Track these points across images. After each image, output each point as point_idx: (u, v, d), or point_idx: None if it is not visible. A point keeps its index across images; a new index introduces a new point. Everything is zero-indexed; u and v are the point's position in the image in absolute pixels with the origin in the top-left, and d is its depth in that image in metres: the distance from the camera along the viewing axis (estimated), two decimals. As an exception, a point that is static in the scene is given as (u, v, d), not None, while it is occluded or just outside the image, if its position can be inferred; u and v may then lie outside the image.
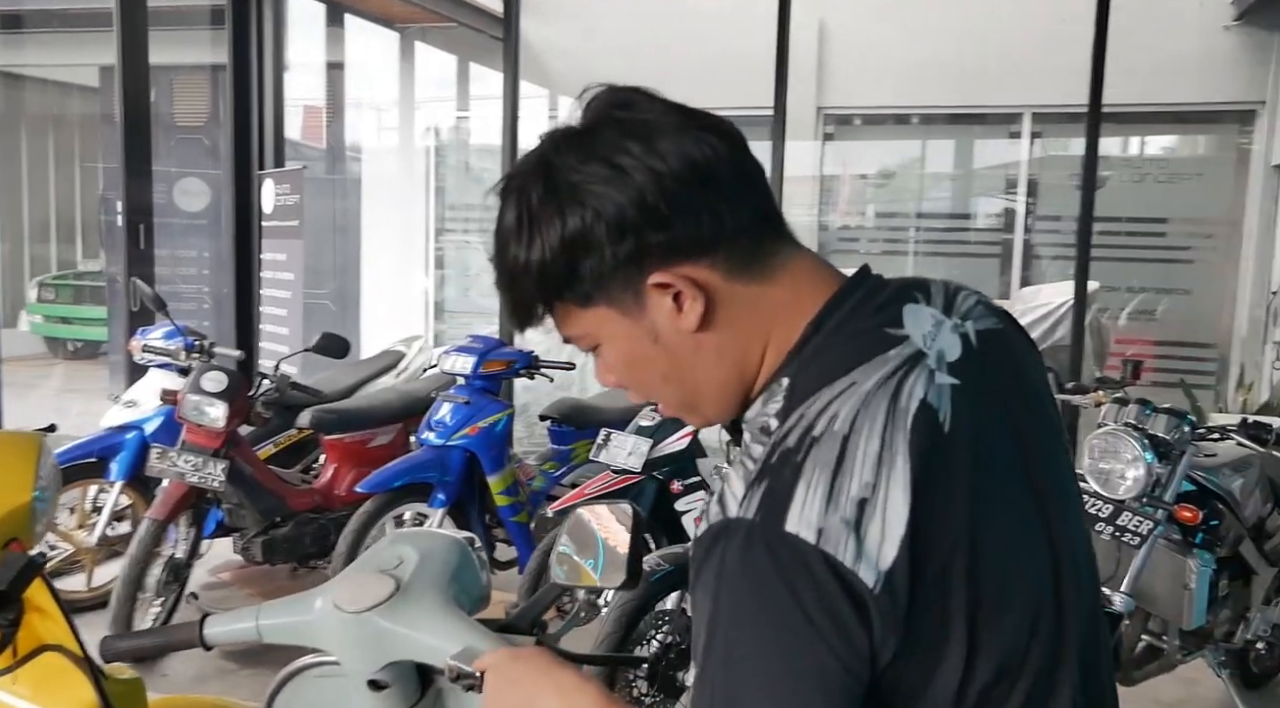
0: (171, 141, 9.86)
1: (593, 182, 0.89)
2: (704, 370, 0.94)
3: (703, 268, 0.91)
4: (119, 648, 1.38)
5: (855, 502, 0.80)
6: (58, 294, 12.60)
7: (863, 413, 0.83)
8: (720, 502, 0.84)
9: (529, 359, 4.13)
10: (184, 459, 3.70)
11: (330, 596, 1.28)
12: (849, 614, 0.78)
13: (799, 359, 0.90)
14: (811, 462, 0.81)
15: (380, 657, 1.25)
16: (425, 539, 1.37)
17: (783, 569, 0.78)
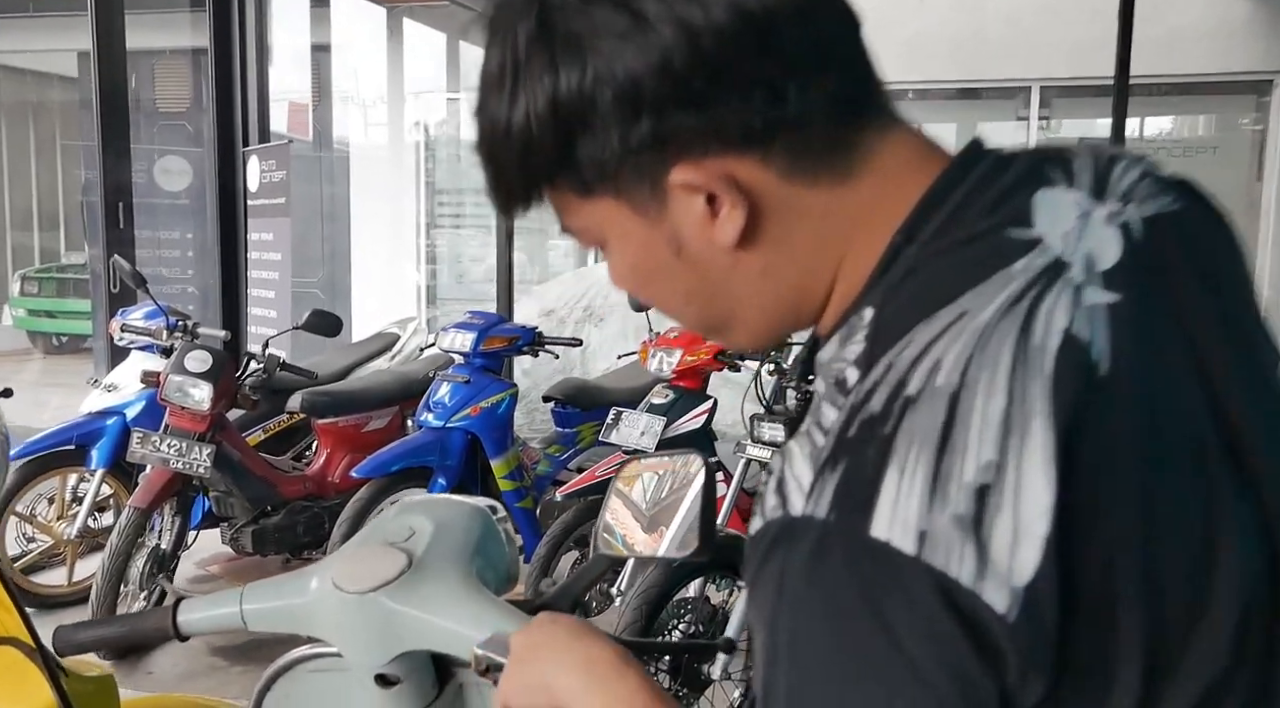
0: (155, 128, 9.62)
1: (601, 33, 0.63)
2: (743, 294, 0.69)
3: (750, 164, 0.64)
4: (77, 639, 1.17)
5: (972, 491, 0.53)
6: (41, 288, 12.36)
7: (978, 358, 0.56)
8: (779, 490, 0.58)
9: (532, 335, 3.91)
10: (167, 444, 3.48)
11: (329, 574, 1.07)
12: (968, 656, 0.53)
13: (885, 283, 0.63)
14: (906, 435, 0.55)
15: (389, 646, 1.04)
16: (441, 507, 1.16)
17: (869, 593, 0.54)
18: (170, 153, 6.76)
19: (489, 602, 1.03)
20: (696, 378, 3.57)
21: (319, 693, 1.15)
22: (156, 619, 1.14)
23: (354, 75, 9.23)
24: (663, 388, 3.54)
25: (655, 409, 3.43)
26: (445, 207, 8.93)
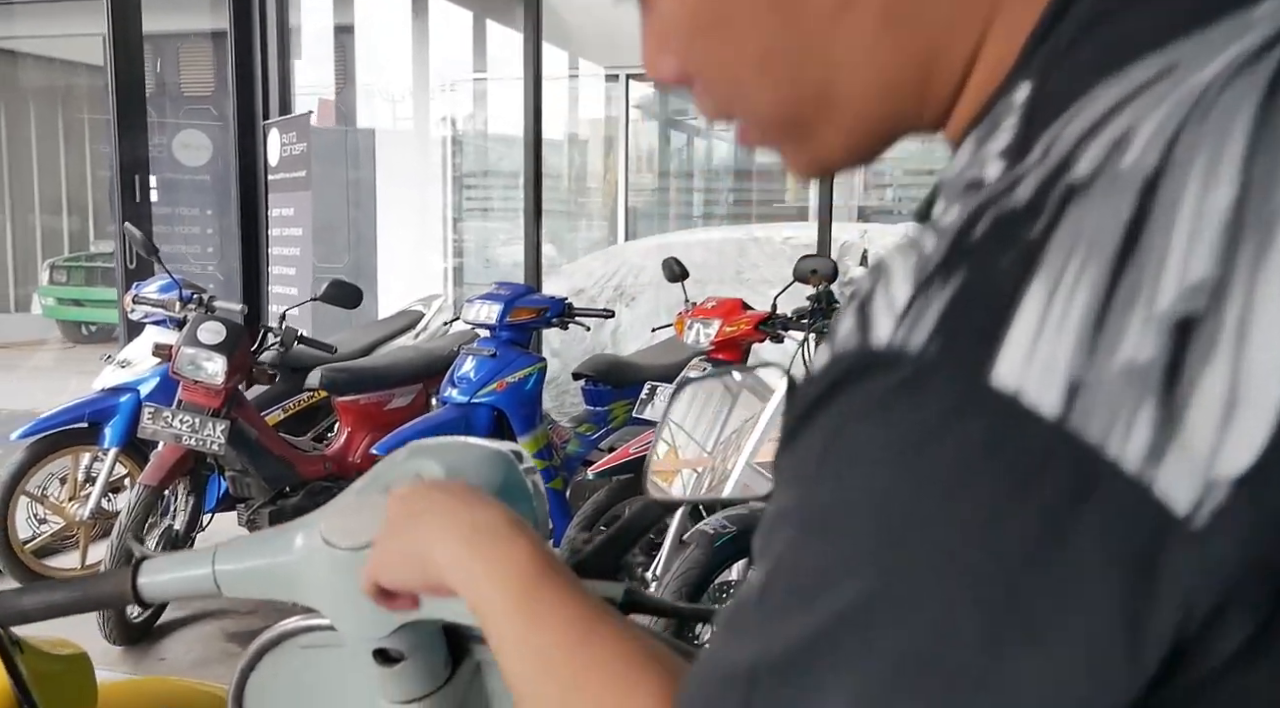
0: (180, 112, 9.52)
1: None
2: (847, 57, 0.45)
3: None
4: (19, 606, 0.97)
5: (1167, 325, 0.33)
6: (69, 276, 12.32)
7: (1192, 129, 0.35)
8: (860, 311, 0.38)
9: (561, 306, 3.71)
10: (180, 420, 3.31)
11: (318, 528, 0.87)
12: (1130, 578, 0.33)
13: (1047, 49, 0.42)
14: (1066, 237, 0.35)
15: (389, 617, 0.84)
16: (455, 450, 0.95)
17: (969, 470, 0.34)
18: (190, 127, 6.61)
19: None
20: (736, 350, 3.35)
21: (311, 673, 0.96)
22: (114, 582, 0.94)
23: (378, 56, 9.08)
24: (700, 361, 3.33)
25: (692, 383, 3.22)
26: (472, 191, 8.76)
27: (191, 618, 3.69)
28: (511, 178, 8.79)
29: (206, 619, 3.68)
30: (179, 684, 1.41)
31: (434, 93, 8.64)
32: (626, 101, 8.51)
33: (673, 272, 3.60)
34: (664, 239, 6.57)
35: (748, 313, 3.32)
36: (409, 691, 0.88)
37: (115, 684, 1.37)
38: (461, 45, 8.72)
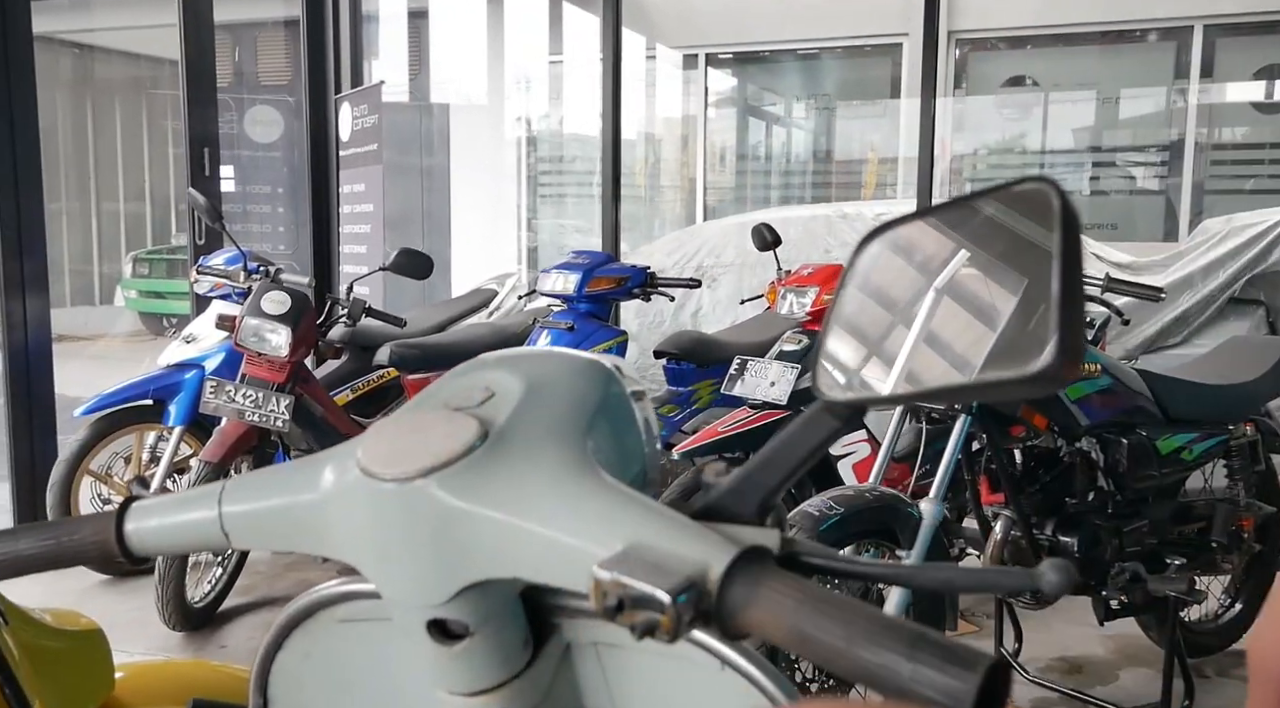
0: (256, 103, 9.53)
1: None
2: None
3: None
4: (-21, 559, 0.76)
5: None
6: (151, 269, 12.46)
7: None
8: None
9: (643, 276, 3.46)
10: (243, 394, 3.15)
11: (354, 455, 0.64)
12: None
13: None
14: None
15: (450, 573, 0.60)
16: (535, 361, 0.71)
17: None
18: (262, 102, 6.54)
19: (618, 494, 0.57)
20: (834, 321, 3.07)
21: (354, 652, 0.71)
22: (95, 529, 0.72)
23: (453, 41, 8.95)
24: (795, 333, 3.06)
25: (787, 357, 2.95)
26: (547, 177, 8.58)
27: (256, 604, 3.53)
28: (587, 163, 8.60)
29: (271, 606, 3.53)
30: (207, 668, 1.20)
31: (509, 78, 8.48)
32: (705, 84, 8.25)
33: (764, 239, 3.33)
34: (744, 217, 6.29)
35: (848, 279, 3.04)
36: (476, 678, 0.63)
37: (136, 666, 1.16)
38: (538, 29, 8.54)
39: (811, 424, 0.59)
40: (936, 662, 0.45)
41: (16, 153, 3.74)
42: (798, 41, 7.94)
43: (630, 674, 0.66)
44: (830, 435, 0.58)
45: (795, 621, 0.49)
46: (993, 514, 2.43)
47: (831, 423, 0.58)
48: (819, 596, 0.49)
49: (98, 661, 1.08)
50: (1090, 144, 7.32)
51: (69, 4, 10.42)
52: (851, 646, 0.47)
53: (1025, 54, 7.56)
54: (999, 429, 2.36)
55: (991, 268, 0.51)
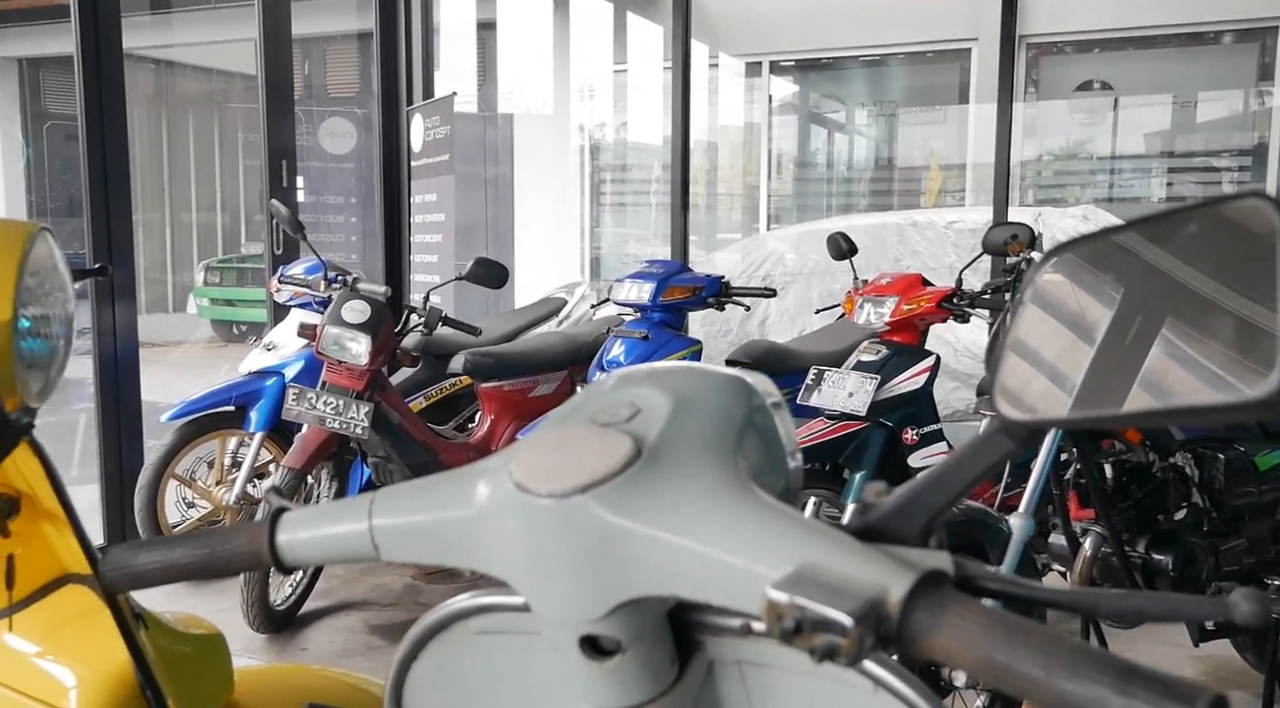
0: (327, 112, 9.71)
1: None
2: None
3: None
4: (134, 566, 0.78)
5: None
6: (222, 277, 12.73)
7: None
8: None
9: (718, 285, 3.45)
10: (324, 402, 3.20)
11: (507, 471, 0.64)
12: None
13: None
14: None
15: (606, 590, 0.60)
16: (678, 376, 0.71)
17: None
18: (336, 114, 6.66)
19: (782, 515, 0.57)
20: (913, 332, 3.04)
21: (492, 665, 0.72)
22: (247, 538, 0.74)
23: (519, 51, 9.03)
24: (873, 343, 3.03)
25: (866, 367, 2.92)
26: (609, 186, 8.62)
27: (334, 608, 3.58)
28: (644, 172, 8.62)
29: (349, 610, 3.57)
30: (321, 674, 1.22)
31: (573, 88, 8.54)
32: (768, 91, 8.24)
33: (839, 248, 3.31)
34: (810, 226, 6.25)
35: (929, 289, 3.00)
36: (625, 694, 0.63)
37: (253, 671, 1.18)
38: (602, 38, 8.59)
39: (987, 445, 0.58)
40: (1152, 696, 0.43)
41: (108, 168, 3.86)
42: (862, 48, 7.88)
43: (775, 694, 0.66)
44: (1004, 457, 0.57)
45: (986, 649, 0.48)
46: (1081, 530, 2.38)
47: (1007, 444, 0.57)
48: (1008, 622, 0.48)
49: (219, 664, 1.10)
50: (1165, 149, 7.16)
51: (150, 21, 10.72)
52: (1052, 677, 0.46)
53: (1097, 58, 7.43)
54: (1090, 443, 2.31)
55: (1199, 287, 0.49)
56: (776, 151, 8.40)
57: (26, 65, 12.83)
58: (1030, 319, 0.58)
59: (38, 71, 12.94)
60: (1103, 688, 0.45)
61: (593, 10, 8.50)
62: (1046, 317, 0.57)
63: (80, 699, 0.92)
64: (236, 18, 10.89)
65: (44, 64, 12.87)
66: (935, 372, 2.97)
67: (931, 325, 3.08)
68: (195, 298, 12.86)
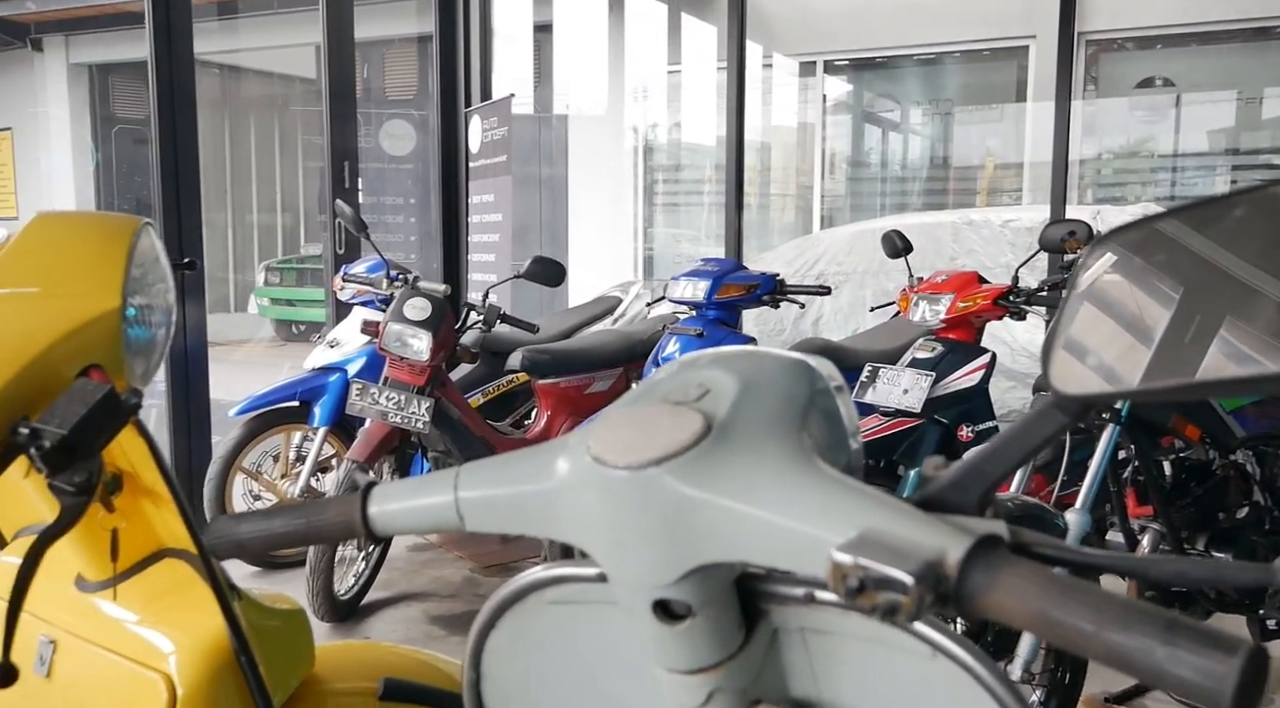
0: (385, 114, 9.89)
1: None
2: None
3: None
4: (236, 535, 0.84)
5: None
6: (282, 277, 12.99)
7: None
8: None
9: (773, 283, 3.48)
10: (386, 397, 3.29)
11: (584, 445, 0.68)
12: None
13: None
14: None
15: (679, 555, 0.64)
16: (746, 359, 0.75)
17: None
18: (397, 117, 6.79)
19: (845, 485, 0.61)
20: (969, 329, 3.04)
21: (565, 633, 0.77)
22: (340, 510, 0.79)
23: (575, 52, 9.12)
24: (928, 341, 3.03)
25: (921, 364, 2.93)
26: (662, 185, 8.67)
27: (395, 598, 3.67)
28: (701, 173, 8.65)
29: (410, 600, 3.66)
30: (395, 651, 1.28)
31: (628, 88, 8.60)
32: (822, 90, 8.23)
33: (894, 246, 3.32)
34: (864, 225, 6.24)
35: (985, 286, 3.01)
36: (695, 656, 0.67)
37: (331, 647, 1.24)
38: (656, 38, 8.65)
39: (1041, 419, 0.62)
40: (1195, 645, 0.46)
41: (179, 170, 3.99)
42: (917, 47, 7.84)
43: (837, 660, 0.69)
44: (1058, 431, 0.60)
45: (1040, 605, 0.51)
46: (1139, 527, 2.37)
47: (1060, 419, 0.60)
48: (1061, 582, 0.51)
49: (302, 638, 1.16)
50: (1228, 146, 7.02)
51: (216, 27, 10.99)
52: (1102, 629, 0.49)
53: (1158, 54, 7.31)
54: (1149, 440, 2.31)
55: (1240, 273, 0.53)
56: (830, 151, 8.38)
57: (96, 71, 13.21)
58: (1080, 303, 0.61)
59: (107, 77, 13.31)
60: (1149, 640, 0.48)
61: (648, 11, 8.55)
62: (1095, 301, 0.61)
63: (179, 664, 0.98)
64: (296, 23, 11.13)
65: (113, 70, 13.23)
66: (991, 369, 2.96)
67: (987, 323, 3.08)
68: (256, 298, 13.13)
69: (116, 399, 0.86)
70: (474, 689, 0.81)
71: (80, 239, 0.95)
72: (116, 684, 0.99)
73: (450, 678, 1.24)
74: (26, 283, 0.90)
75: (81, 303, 0.90)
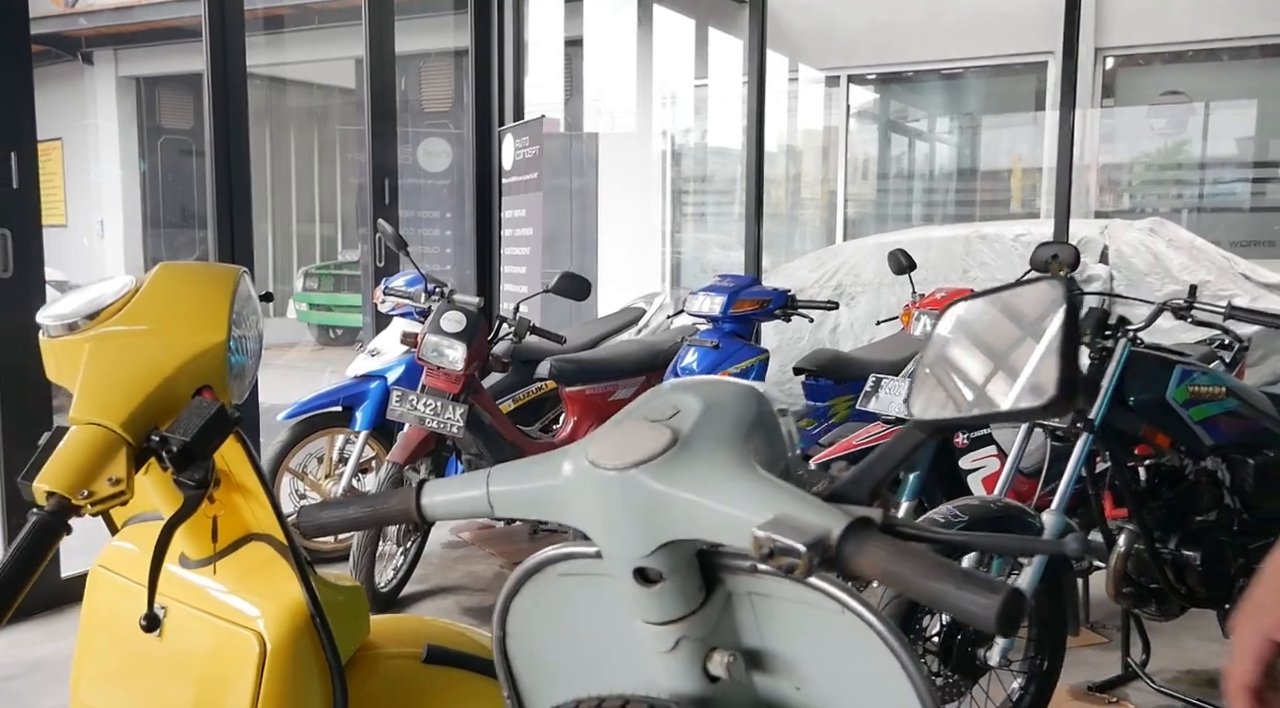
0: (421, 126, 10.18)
1: None
2: None
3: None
4: (320, 519, 1.08)
5: None
6: (320, 283, 13.31)
7: None
8: None
9: (784, 298, 3.71)
10: (424, 403, 3.54)
11: (584, 452, 0.92)
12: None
13: None
14: None
15: (652, 534, 0.88)
16: (710, 386, 0.99)
17: None
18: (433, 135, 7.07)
19: (769, 483, 0.84)
20: (966, 343, 3.25)
21: (570, 597, 1.01)
22: (400, 500, 1.04)
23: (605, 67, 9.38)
24: (928, 353, 3.24)
25: (920, 375, 3.14)
26: (690, 196, 8.89)
27: (431, 591, 3.92)
28: (729, 183, 8.87)
29: (445, 594, 3.91)
30: (436, 624, 1.51)
31: (656, 100, 8.83)
32: (847, 103, 8.42)
33: (899, 263, 3.53)
34: (884, 238, 6.43)
35: (980, 304, 3.21)
36: (665, 611, 0.91)
37: (384, 619, 1.48)
38: (684, 53, 8.88)
39: (907, 435, 0.85)
40: (976, 588, 0.69)
41: (232, 184, 4.24)
42: (940, 62, 8.01)
43: (774, 616, 0.93)
44: (919, 443, 0.83)
45: (888, 565, 0.74)
46: (1116, 528, 2.57)
47: (919, 435, 0.83)
48: (906, 550, 0.74)
49: (360, 611, 1.40)
50: (1252, 158, 7.14)
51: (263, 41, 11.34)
52: (922, 579, 0.72)
53: (1179, 68, 7.44)
54: (1122, 447, 2.50)
55: (1021, 332, 0.75)
56: (854, 163, 8.57)
57: (144, 84, 13.64)
58: (932, 352, 0.84)
59: (154, 89, 13.73)
60: (949, 585, 0.71)
61: (676, 26, 8.79)
62: (941, 351, 0.83)
63: (268, 625, 1.22)
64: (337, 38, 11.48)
65: (160, 82, 13.65)
66: (986, 381, 3.16)
67: (984, 337, 3.28)
68: (295, 303, 13.48)
69: (224, 414, 1.11)
70: (500, 645, 1.06)
71: (195, 285, 1.20)
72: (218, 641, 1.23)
73: (482, 647, 1.48)
74: (155, 321, 1.15)
75: (196, 337, 1.15)
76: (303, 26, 11.44)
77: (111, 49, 13.15)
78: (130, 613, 1.20)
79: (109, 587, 1.30)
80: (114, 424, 1.05)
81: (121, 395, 1.08)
